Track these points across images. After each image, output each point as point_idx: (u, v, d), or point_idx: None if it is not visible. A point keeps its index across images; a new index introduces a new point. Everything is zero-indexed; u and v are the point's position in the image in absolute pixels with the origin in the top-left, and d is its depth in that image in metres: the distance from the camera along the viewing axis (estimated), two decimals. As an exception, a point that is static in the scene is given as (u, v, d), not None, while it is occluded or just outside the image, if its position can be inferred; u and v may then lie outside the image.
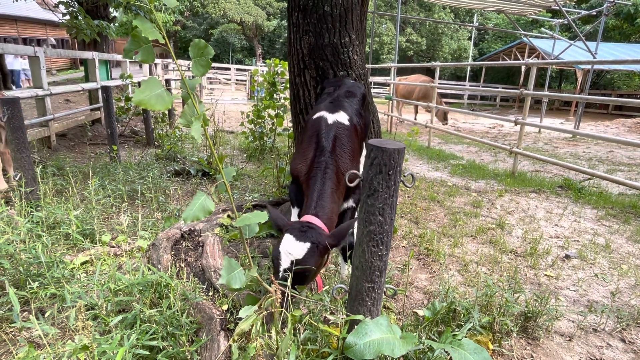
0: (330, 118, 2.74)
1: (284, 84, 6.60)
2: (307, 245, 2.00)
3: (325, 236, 2.10)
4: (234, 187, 5.01)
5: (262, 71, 7.08)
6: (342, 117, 2.77)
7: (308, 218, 2.21)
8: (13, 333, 2.18)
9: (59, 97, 11.30)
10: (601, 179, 5.72)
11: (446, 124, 12.83)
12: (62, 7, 10.14)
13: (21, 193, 3.32)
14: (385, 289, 1.95)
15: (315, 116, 2.82)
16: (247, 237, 1.89)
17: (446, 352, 1.84)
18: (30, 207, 3.34)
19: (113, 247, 3.14)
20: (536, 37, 20.08)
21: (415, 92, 13.27)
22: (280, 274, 1.99)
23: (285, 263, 2.00)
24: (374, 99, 4.46)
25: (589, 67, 14.03)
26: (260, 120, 6.77)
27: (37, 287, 2.35)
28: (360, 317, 1.79)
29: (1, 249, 2.49)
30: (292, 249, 2.00)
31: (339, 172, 2.48)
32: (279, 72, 6.58)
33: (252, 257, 2.05)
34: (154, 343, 1.89)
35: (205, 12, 34.25)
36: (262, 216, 1.72)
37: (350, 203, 2.72)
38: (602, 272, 3.34)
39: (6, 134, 4.59)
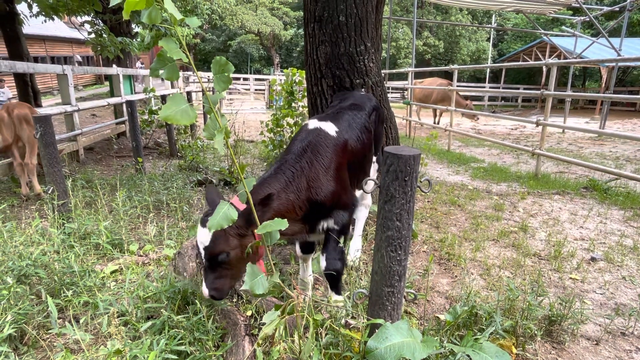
0: (313, 124, 2.59)
1: (301, 93, 6.69)
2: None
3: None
4: (255, 195, 5.09)
5: (280, 80, 7.19)
6: (328, 127, 2.59)
7: (231, 200, 2.08)
8: (50, 339, 2.29)
9: (86, 111, 11.72)
10: (629, 179, 5.57)
11: (478, 119, 12.83)
12: (87, 26, 10.56)
13: (54, 206, 3.48)
14: (405, 294, 1.97)
15: (302, 124, 2.69)
16: (269, 244, 1.94)
17: (468, 356, 1.85)
18: (63, 219, 3.49)
19: (141, 256, 3.25)
20: (557, 35, 19.68)
21: (432, 96, 13.17)
22: (204, 264, 2.00)
23: (201, 251, 1.98)
24: (392, 104, 4.48)
25: (613, 64, 13.68)
26: (279, 129, 6.87)
27: (71, 295, 2.47)
28: (380, 321, 1.81)
29: (37, 259, 2.63)
30: (200, 237, 1.96)
31: (301, 175, 2.29)
32: (297, 81, 6.67)
33: (274, 264, 2.10)
34: (181, 348, 1.97)
35: (223, 25, 34.89)
36: (283, 224, 1.77)
37: (330, 224, 2.45)
38: (630, 275, 3.26)
39: (29, 148, 4.83)
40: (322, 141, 2.46)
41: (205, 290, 1.98)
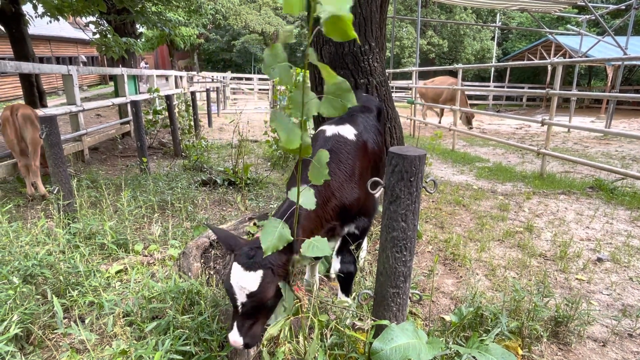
0: (330, 130, 2.45)
1: (305, 93, 6.67)
2: (260, 273, 1.71)
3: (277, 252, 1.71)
4: (259, 195, 5.10)
5: (284, 80, 7.18)
6: (347, 131, 2.48)
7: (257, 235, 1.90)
8: (55, 339, 2.30)
9: (90, 112, 11.76)
10: (635, 179, 5.53)
11: (471, 128, 12.27)
12: (92, 26, 10.61)
13: (59, 206, 3.49)
14: (410, 295, 1.96)
15: (317, 130, 2.58)
16: (307, 264, 1.86)
17: (473, 357, 1.84)
18: (68, 219, 3.51)
19: (145, 256, 3.26)
20: (562, 34, 19.57)
21: (443, 95, 13.06)
22: (240, 309, 1.75)
23: (240, 297, 1.73)
24: (395, 104, 4.46)
25: (619, 63, 13.58)
26: (283, 129, 6.86)
27: (76, 295, 2.48)
28: (386, 322, 1.81)
29: (42, 259, 2.63)
30: (243, 281, 1.70)
31: (326, 187, 2.14)
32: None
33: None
34: (186, 348, 1.97)
35: (227, 24, 34.93)
36: (325, 243, 1.66)
37: (351, 229, 2.38)
38: (637, 275, 3.23)
39: (32, 149, 4.85)
40: (343, 147, 2.36)
41: (238, 340, 1.73)
